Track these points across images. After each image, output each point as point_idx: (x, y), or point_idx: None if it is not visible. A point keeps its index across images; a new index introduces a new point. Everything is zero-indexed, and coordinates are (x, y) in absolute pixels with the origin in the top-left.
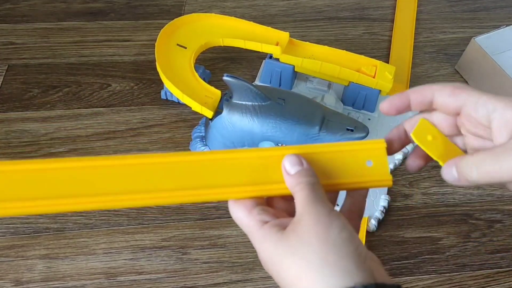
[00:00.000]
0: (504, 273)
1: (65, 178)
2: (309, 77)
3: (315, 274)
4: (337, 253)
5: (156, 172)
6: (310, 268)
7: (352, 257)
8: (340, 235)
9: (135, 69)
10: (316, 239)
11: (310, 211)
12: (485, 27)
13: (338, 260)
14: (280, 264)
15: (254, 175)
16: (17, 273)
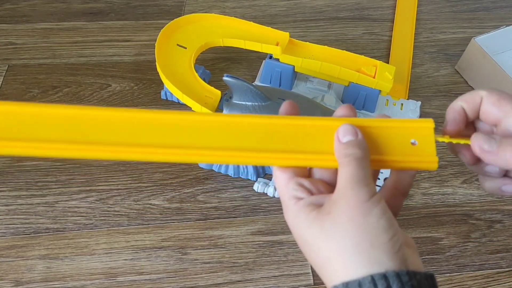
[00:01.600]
0: (504, 273)
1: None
2: (309, 77)
3: (346, 261)
4: (372, 241)
5: (196, 129)
6: (342, 253)
7: (386, 247)
8: (377, 223)
9: (135, 69)
10: (352, 225)
11: (350, 194)
12: (485, 27)
13: (371, 249)
14: (312, 244)
15: (300, 142)
16: (17, 273)
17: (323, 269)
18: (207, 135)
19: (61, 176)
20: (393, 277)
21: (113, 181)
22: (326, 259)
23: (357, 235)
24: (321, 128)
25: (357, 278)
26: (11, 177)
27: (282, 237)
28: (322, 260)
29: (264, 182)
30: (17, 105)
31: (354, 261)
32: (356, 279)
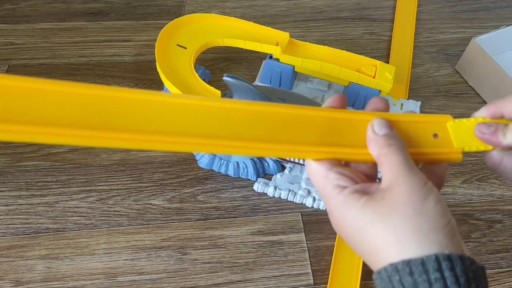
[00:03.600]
0: (504, 273)
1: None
2: (309, 77)
3: (405, 243)
4: (432, 225)
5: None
6: (398, 237)
7: (445, 230)
8: (435, 207)
9: (135, 69)
10: (411, 209)
11: (405, 181)
12: (485, 27)
13: (432, 232)
14: (364, 230)
15: (332, 136)
16: (17, 273)
17: (376, 254)
18: (232, 125)
19: (61, 176)
20: (456, 260)
21: (113, 181)
22: (380, 243)
23: (418, 218)
24: (353, 122)
25: (420, 257)
26: (11, 177)
27: (282, 237)
28: (375, 244)
29: (264, 182)
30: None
31: (414, 243)
32: (419, 257)
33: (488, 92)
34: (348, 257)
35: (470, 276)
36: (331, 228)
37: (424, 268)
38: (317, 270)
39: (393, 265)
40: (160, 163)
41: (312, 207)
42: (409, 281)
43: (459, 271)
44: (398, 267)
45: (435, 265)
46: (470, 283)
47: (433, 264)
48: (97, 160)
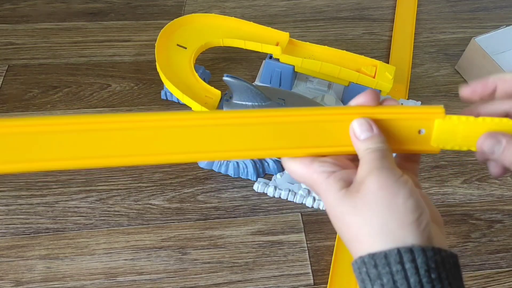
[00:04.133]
0: (504, 273)
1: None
2: (309, 77)
3: (374, 237)
4: (399, 221)
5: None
6: (370, 231)
7: (413, 226)
8: (405, 204)
9: (135, 69)
10: (381, 205)
11: (378, 175)
12: (485, 27)
13: (398, 229)
14: (342, 220)
15: (312, 138)
16: (17, 273)
17: (352, 243)
18: (211, 139)
19: (61, 176)
20: (418, 251)
21: (113, 181)
22: (355, 235)
23: (385, 214)
24: (334, 123)
25: (383, 250)
26: (11, 177)
27: (282, 237)
28: (352, 236)
29: (264, 182)
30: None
31: (381, 238)
32: (382, 251)
33: None
34: (348, 257)
35: (432, 266)
36: (331, 228)
37: (387, 261)
38: (317, 270)
39: (362, 258)
40: (160, 164)
41: (312, 207)
42: (374, 273)
43: (420, 262)
44: (365, 260)
45: (397, 258)
46: (431, 273)
47: (394, 257)
48: None
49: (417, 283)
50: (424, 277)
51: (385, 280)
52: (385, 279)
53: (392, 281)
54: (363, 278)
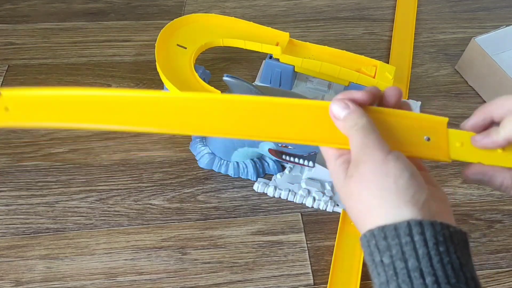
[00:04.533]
0: (504, 273)
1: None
2: (309, 77)
3: (373, 217)
4: (394, 201)
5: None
6: (369, 210)
7: (409, 204)
8: (396, 183)
9: (135, 69)
10: (375, 186)
11: (366, 159)
12: (485, 27)
13: (396, 208)
14: (346, 201)
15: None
16: (17, 273)
17: (358, 220)
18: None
19: (61, 176)
20: (427, 224)
21: (113, 181)
22: (358, 214)
23: (380, 195)
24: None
25: (394, 223)
26: (11, 177)
27: (282, 237)
28: (356, 214)
29: (264, 182)
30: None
31: (382, 217)
32: (392, 223)
33: (488, 92)
34: (348, 257)
35: (440, 239)
36: (331, 228)
37: (397, 232)
38: (317, 270)
39: (371, 231)
40: (160, 163)
41: (312, 207)
42: (383, 245)
43: (428, 235)
44: (374, 232)
45: (407, 230)
46: (439, 246)
47: (404, 229)
48: (97, 160)
49: (425, 254)
50: (432, 250)
51: (394, 252)
52: (394, 250)
53: (401, 252)
54: (372, 250)
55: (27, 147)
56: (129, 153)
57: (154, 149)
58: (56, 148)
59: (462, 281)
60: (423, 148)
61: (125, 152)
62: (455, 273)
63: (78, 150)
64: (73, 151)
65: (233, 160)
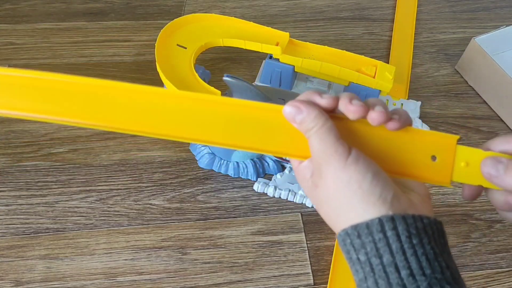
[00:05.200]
0: (504, 273)
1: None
2: (309, 77)
3: (345, 219)
4: (362, 203)
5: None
6: (340, 215)
7: (377, 205)
8: (361, 188)
9: (135, 69)
10: (341, 195)
11: (326, 168)
12: (485, 27)
13: (365, 209)
14: (317, 207)
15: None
16: (17, 273)
17: (331, 223)
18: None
19: (61, 176)
20: (399, 219)
21: (113, 181)
22: (330, 218)
23: (347, 202)
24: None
25: (365, 221)
26: (11, 177)
27: (282, 237)
28: (328, 218)
29: (264, 182)
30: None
31: (354, 218)
32: (364, 221)
33: (488, 92)
34: None
35: (413, 232)
36: (331, 228)
37: (369, 230)
38: (317, 270)
39: (345, 230)
40: (160, 163)
41: (312, 207)
42: (358, 243)
43: (401, 229)
44: (348, 231)
45: (378, 227)
46: (412, 239)
47: (376, 227)
48: (97, 160)
49: (398, 249)
50: (405, 243)
51: (369, 249)
52: (368, 247)
53: (375, 249)
54: (348, 249)
55: (27, 147)
56: (129, 153)
57: (154, 149)
58: (56, 148)
59: (438, 271)
60: (426, 170)
61: (125, 152)
62: (430, 263)
63: (78, 150)
64: (73, 151)
65: (233, 160)
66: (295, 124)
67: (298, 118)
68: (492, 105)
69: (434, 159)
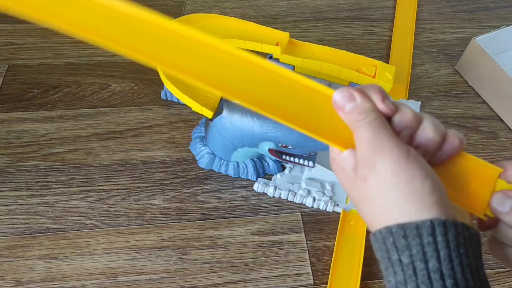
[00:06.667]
0: (504, 273)
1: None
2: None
3: (390, 217)
4: (418, 203)
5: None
6: (386, 212)
7: (434, 206)
8: (423, 187)
9: (135, 69)
10: (397, 191)
11: (383, 159)
12: (485, 27)
13: (420, 210)
14: (358, 203)
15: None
16: (17, 273)
17: (372, 220)
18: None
19: (61, 176)
20: (450, 225)
21: (113, 181)
22: (372, 215)
23: (401, 199)
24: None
25: (415, 221)
26: (11, 177)
27: (282, 237)
28: (369, 215)
29: (264, 182)
30: None
31: (400, 218)
32: (413, 221)
33: (488, 92)
34: (348, 257)
35: (461, 241)
36: (331, 228)
37: (418, 232)
38: (317, 270)
39: (388, 228)
40: (160, 163)
41: (312, 207)
42: (402, 243)
43: (451, 236)
44: (392, 230)
45: (429, 230)
46: (459, 248)
47: (427, 229)
48: (97, 160)
49: (446, 256)
50: (454, 251)
51: (415, 251)
52: (414, 250)
53: (422, 253)
54: (388, 248)
55: (27, 147)
56: (129, 153)
57: (154, 149)
58: (56, 148)
59: (478, 284)
60: (465, 194)
61: (125, 152)
62: (473, 276)
63: (78, 150)
64: (73, 151)
65: (233, 160)
66: (342, 113)
67: (348, 106)
68: (492, 105)
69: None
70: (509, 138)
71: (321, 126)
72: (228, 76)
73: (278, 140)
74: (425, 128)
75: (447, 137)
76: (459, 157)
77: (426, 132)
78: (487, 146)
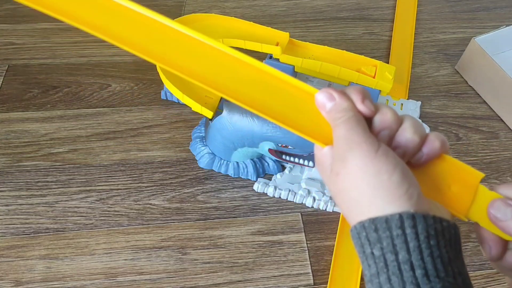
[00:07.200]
0: None
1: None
2: (309, 77)
3: (363, 211)
4: (387, 196)
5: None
6: (359, 206)
7: (402, 200)
8: (390, 180)
9: (135, 70)
10: (365, 185)
11: (353, 155)
12: (485, 27)
13: (388, 202)
14: (334, 196)
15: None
16: (17, 273)
17: (348, 214)
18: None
19: (61, 176)
20: (420, 218)
21: (113, 181)
22: (347, 208)
23: (370, 193)
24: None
25: (385, 215)
26: (11, 177)
27: (282, 237)
28: (345, 208)
29: (264, 182)
30: None
31: (373, 211)
32: (383, 216)
33: (488, 92)
34: (348, 257)
35: (432, 233)
36: (331, 228)
37: (388, 225)
38: (317, 270)
39: (361, 223)
40: (160, 163)
41: (312, 207)
42: (374, 237)
43: (420, 228)
44: (365, 225)
45: (398, 223)
46: (430, 239)
47: (396, 222)
48: (97, 160)
49: (416, 247)
50: (423, 243)
51: (385, 244)
52: (385, 242)
53: (391, 245)
54: (362, 242)
55: (27, 147)
56: (129, 153)
57: (154, 149)
58: (56, 148)
59: (450, 275)
60: (446, 196)
61: (125, 152)
62: (444, 267)
63: (78, 150)
64: (73, 151)
65: (233, 160)
66: (323, 111)
67: (328, 105)
68: (492, 105)
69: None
70: (509, 138)
71: (307, 124)
72: (215, 72)
73: (278, 140)
74: (405, 129)
75: (428, 139)
76: (440, 159)
77: (405, 133)
78: (487, 146)
